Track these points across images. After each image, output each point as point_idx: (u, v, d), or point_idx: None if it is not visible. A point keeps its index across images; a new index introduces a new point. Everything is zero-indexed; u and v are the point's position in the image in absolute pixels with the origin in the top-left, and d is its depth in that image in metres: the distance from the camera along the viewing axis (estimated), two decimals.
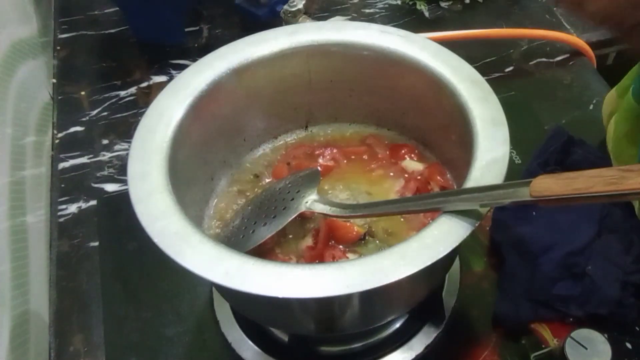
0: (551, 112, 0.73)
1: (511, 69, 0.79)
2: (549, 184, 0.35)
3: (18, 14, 0.79)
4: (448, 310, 0.55)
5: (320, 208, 0.47)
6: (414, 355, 0.52)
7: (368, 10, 0.88)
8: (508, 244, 0.57)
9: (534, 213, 0.57)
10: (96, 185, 0.68)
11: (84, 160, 0.71)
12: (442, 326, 0.54)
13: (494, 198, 0.38)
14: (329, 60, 0.54)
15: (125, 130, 0.73)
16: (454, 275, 0.57)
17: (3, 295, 0.54)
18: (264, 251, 0.49)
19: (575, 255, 0.54)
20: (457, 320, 0.55)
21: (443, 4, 0.89)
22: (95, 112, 0.76)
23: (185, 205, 0.42)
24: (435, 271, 0.47)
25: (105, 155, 0.71)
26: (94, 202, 0.66)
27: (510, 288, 0.55)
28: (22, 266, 0.60)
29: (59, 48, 0.85)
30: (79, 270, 0.61)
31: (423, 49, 0.51)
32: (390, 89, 0.54)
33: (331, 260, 0.48)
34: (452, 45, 0.51)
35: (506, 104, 0.45)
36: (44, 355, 0.57)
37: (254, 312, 0.48)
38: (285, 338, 0.53)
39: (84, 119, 0.75)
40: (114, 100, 0.77)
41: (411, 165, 0.55)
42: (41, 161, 0.72)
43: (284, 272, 0.37)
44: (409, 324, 0.54)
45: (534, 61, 0.80)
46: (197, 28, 0.86)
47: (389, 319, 0.50)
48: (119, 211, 0.65)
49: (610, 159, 0.63)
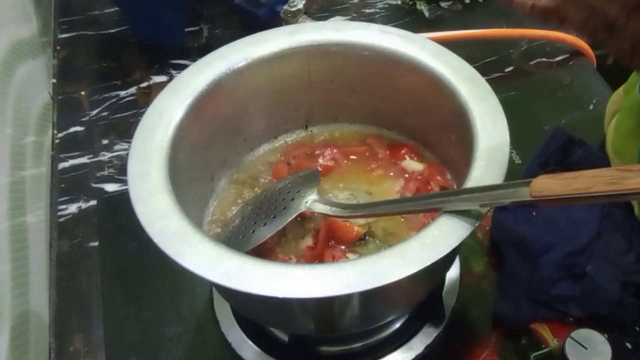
0: (551, 112, 0.73)
1: (511, 69, 0.79)
2: (549, 184, 0.35)
3: (18, 14, 0.79)
4: (448, 310, 0.55)
5: (320, 208, 0.47)
6: (414, 355, 0.52)
7: (368, 10, 0.88)
8: (508, 244, 0.57)
9: (534, 213, 0.57)
10: (96, 185, 0.68)
11: (84, 160, 0.71)
12: (442, 326, 0.54)
13: (494, 198, 0.38)
14: (329, 60, 0.54)
15: (125, 130, 0.73)
16: (454, 275, 0.57)
17: (3, 295, 0.54)
18: (264, 251, 0.49)
19: (575, 255, 0.54)
20: (457, 320, 0.55)
21: (443, 4, 0.89)
22: (95, 112, 0.76)
23: (185, 205, 0.42)
24: (435, 271, 0.47)
25: (105, 155, 0.71)
26: (94, 202, 0.66)
27: (510, 288, 0.55)
28: (22, 266, 0.60)
29: (59, 48, 0.85)
30: (79, 270, 0.61)
31: (423, 49, 0.51)
32: (390, 89, 0.54)
33: (331, 260, 0.48)
34: (452, 45, 0.51)
35: (506, 104, 0.45)
36: (44, 355, 0.57)
37: (254, 312, 0.48)
38: (285, 338, 0.53)
39: (84, 119, 0.75)
40: (114, 100, 0.77)
41: (411, 165, 0.55)
42: (41, 161, 0.72)
43: (284, 272, 0.37)
44: (409, 324, 0.54)
45: (534, 61, 0.80)
46: (197, 28, 0.86)
47: (389, 319, 0.50)
48: (119, 211, 0.65)
49: (609, 161, 0.63)
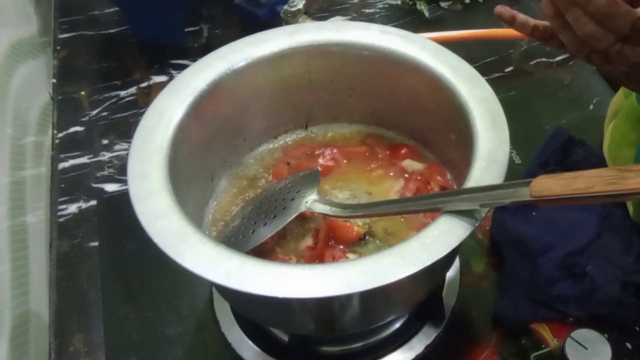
0: (551, 112, 0.73)
1: (511, 69, 0.79)
2: (549, 184, 0.35)
3: (18, 14, 0.79)
4: (448, 310, 0.55)
5: (320, 208, 0.47)
6: (414, 355, 0.52)
7: (368, 10, 0.88)
8: (508, 244, 0.57)
9: (534, 213, 0.57)
10: (96, 185, 0.68)
11: (84, 160, 0.71)
12: (442, 326, 0.54)
13: (494, 198, 0.38)
14: (329, 60, 0.54)
15: (125, 130, 0.73)
16: (454, 275, 0.57)
17: (3, 295, 0.54)
18: (264, 251, 0.49)
19: (575, 255, 0.54)
20: (457, 320, 0.55)
21: (443, 4, 0.89)
22: (95, 112, 0.76)
23: (185, 205, 0.42)
24: (435, 271, 0.47)
25: (105, 155, 0.71)
26: (94, 202, 0.66)
27: (510, 288, 0.55)
28: (22, 266, 0.60)
29: (59, 48, 0.85)
30: (79, 270, 0.61)
31: (423, 49, 0.51)
32: (390, 89, 0.54)
33: (331, 260, 0.48)
34: (452, 45, 0.51)
35: (506, 104, 0.45)
36: (44, 355, 0.57)
37: (254, 312, 0.48)
38: (285, 338, 0.53)
39: (84, 119, 0.75)
40: (114, 100, 0.77)
41: (411, 165, 0.55)
42: (41, 161, 0.72)
43: (284, 272, 0.37)
44: (409, 324, 0.54)
45: (534, 61, 0.80)
46: (197, 28, 0.86)
47: (389, 319, 0.50)
48: (119, 211, 0.65)
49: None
